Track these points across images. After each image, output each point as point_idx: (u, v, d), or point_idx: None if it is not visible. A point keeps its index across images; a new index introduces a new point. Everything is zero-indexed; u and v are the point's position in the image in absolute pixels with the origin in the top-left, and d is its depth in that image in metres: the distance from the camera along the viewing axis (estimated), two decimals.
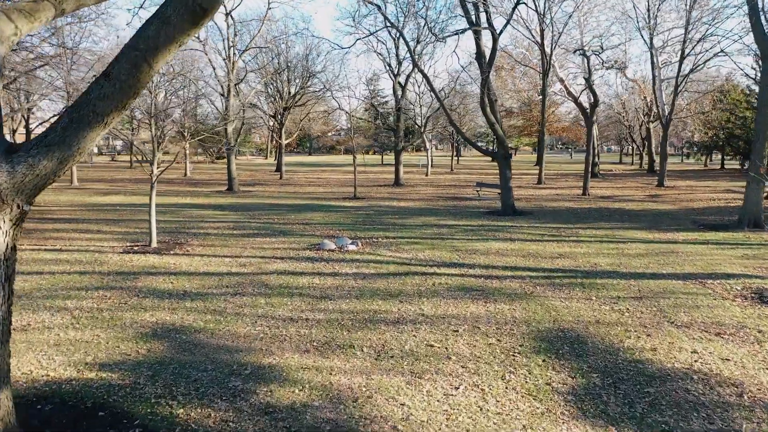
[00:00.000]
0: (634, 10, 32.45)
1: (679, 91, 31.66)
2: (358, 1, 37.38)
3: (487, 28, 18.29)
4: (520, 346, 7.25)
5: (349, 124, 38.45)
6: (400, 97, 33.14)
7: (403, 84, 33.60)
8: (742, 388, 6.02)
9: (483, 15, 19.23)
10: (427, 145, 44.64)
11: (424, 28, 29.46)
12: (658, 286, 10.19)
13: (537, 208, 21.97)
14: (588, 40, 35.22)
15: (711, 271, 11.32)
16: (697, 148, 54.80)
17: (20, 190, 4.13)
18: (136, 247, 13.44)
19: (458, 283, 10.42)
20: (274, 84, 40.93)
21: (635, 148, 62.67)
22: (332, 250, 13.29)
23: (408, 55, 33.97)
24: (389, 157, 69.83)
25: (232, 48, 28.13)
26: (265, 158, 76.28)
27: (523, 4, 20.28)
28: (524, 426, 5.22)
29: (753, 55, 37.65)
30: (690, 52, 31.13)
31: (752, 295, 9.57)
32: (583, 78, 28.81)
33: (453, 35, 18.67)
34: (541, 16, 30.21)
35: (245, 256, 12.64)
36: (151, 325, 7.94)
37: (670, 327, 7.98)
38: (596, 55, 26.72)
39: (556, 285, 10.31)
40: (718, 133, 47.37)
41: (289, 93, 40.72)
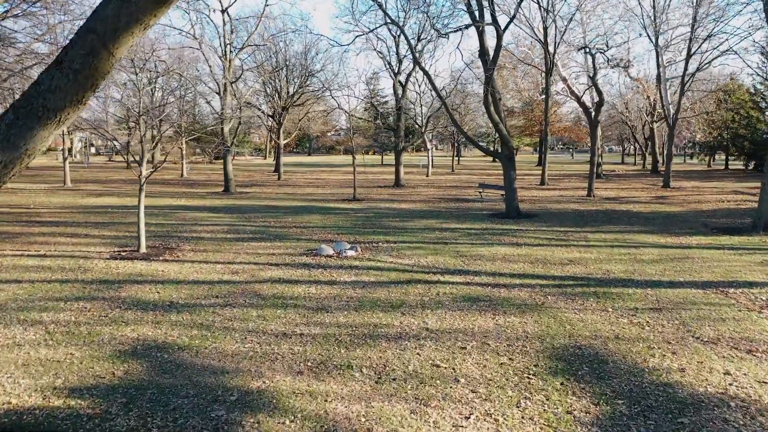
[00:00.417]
0: (640, 8, 31.68)
1: (685, 90, 31.00)
2: None
3: (491, 24, 17.65)
4: (535, 366, 6.61)
5: (348, 124, 37.79)
6: (400, 97, 32.47)
7: (404, 83, 32.95)
8: None
9: (487, 11, 18.61)
10: (428, 145, 43.97)
11: (425, 25, 28.83)
12: (677, 296, 9.55)
13: (542, 210, 21.33)
14: (591, 38, 34.60)
15: (731, 279, 10.67)
16: (701, 148, 54.16)
17: None
18: (124, 253, 12.79)
19: (464, 292, 9.77)
20: (273, 83, 40.27)
21: (638, 148, 62.02)
22: (330, 256, 12.65)
23: (408, 54, 33.36)
24: (389, 158, 69.18)
25: (228, 46, 27.47)
26: (264, 158, 75.61)
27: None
28: None
29: (760, 53, 37.03)
30: (696, 50, 30.47)
31: None
32: (588, 76, 28.17)
33: (456, 31, 18.05)
34: (545, 14, 29.56)
35: (238, 263, 11.99)
36: (131, 341, 7.29)
37: (696, 343, 7.34)
38: (601, 53, 26.06)
39: (569, 294, 9.66)
40: (722, 133, 46.76)
41: (288, 92, 40.08)
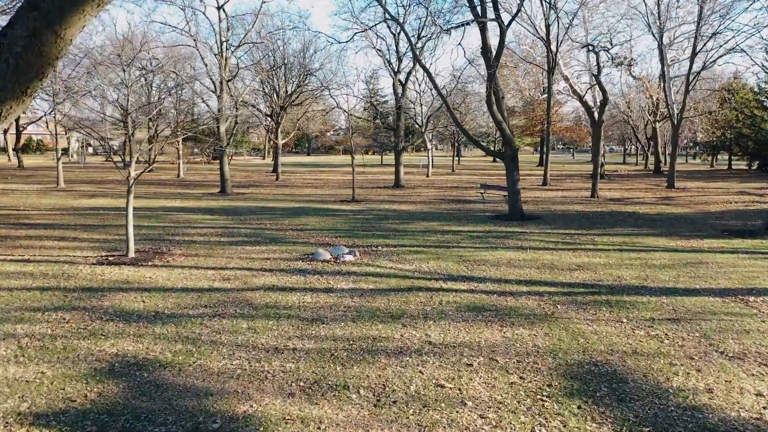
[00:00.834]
0: (644, 5, 31.11)
1: (690, 88, 30.46)
2: None
3: (494, 20, 17.08)
4: (548, 386, 6.05)
5: (347, 124, 37.24)
6: (400, 96, 31.90)
7: (404, 82, 32.39)
8: None
9: (490, 9, 18.05)
10: (428, 145, 43.41)
11: (425, 22, 28.28)
12: (695, 305, 8.99)
13: (546, 212, 20.77)
14: (593, 37, 34.07)
15: (750, 286, 10.12)
16: (704, 148, 53.66)
17: None
18: (112, 258, 12.22)
19: (468, 300, 9.21)
20: (270, 82, 39.68)
21: (640, 148, 61.49)
22: (327, 261, 12.08)
23: (408, 52, 32.80)
24: (388, 158, 68.65)
25: (224, 43, 26.88)
26: (263, 158, 75.05)
27: None
28: None
29: (765, 51, 36.51)
30: (702, 48, 29.93)
31: None
32: (592, 75, 27.62)
33: (458, 27, 17.50)
34: (547, 11, 29.01)
35: (231, 268, 11.43)
36: (109, 357, 6.72)
37: (721, 359, 6.78)
38: (605, 51, 25.51)
39: (579, 303, 9.11)
40: (726, 133, 46.25)
41: (286, 92, 39.51)
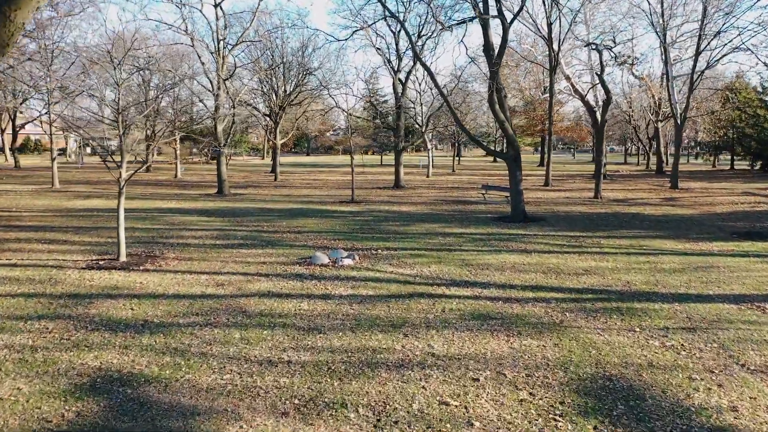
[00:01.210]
0: (647, 3, 30.73)
1: (694, 87, 30.06)
2: None
3: (497, 17, 16.68)
4: (561, 403, 5.64)
5: (347, 123, 36.83)
6: (400, 95, 31.48)
7: (404, 81, 31.98)
8: None
9: (493, 8, 17.63)
10: (428, 145, 43.00)
11: (425, 20, 27.85)
12: (709, 312, 8.59)
13: (549, 213, 20.36)
14: (595, 36, 33.64)
15: (765, 292, 9.71)
16: (707, 148, 53.29)
17: None
18: (102, 262, 11.80)
19: (472, 308, 8.80)
20: (269, 81, 39.26)
21: (641, 148, 61.10)
22: (325, 265, 11.67)
23: (408, 51, 32.39)
24: (388, 158, 68.22)
25: (221, 42, 26.46)
26: (262, 159, 74.63)
27: None
28: None
29: None
30: (705, 47, 29.53)
31: None
32: (595, 74, 27.22)
33: (460, 23, 17.08)
34: (549, 9, 28.60)
35: (225, 273, 11.01)
36: (91, 372, 6.31)
37: (742, 372, 6.38)
38: (608, 50, 25.10)
39: (589, 311, 8.70)
40: (728, 133, 45.89)
41: (285, 91, 39.08)
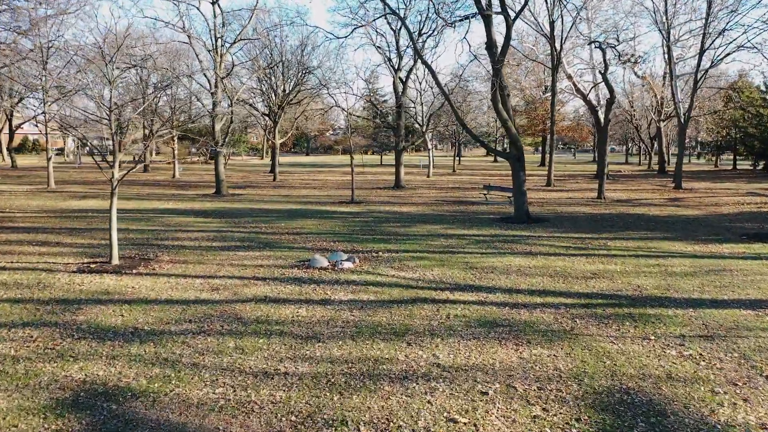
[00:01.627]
0: (651, 1, 30.35)
1: (698, 86, 29.68)
2: None
3: (500, 13, 16.30)
4: (577, 420, 5.26)
5: (346, 123, 36.44)
6: (401, 94, 31.08)
7: (404, 80, 31.59)
8: None
9: (495, 1, 17.28)
10: (429, 145, 42.63)
11: (427, 16, 27.45)
12: (726, 319, 8.21)
13: (552, 214, 19.99)
14: (597, 35, 33.30)
15: None
16: (710, 148, 52.95)
17: None
18: (93, 265, 11.42)
19: (478, 314, 8.42)
20: (268, 80, 38.86)
21: (643, 148, 60.76)
22: (324, 269, 11.28)
23: (409, 50, 32.01)
24: (388, 158, 67.84)
25: (219, 40, 26.04)
26: (261, 159, 74.25)
27: None
28: None
29: None
30: (710, 45, 29.16)
31: None
32: (598, 72, 26.85)
33: (463, 20, 16.70)
34: (551, 6, 28.23)
35: (220, 277, 10.63)
36: (75, 385, 5.92)
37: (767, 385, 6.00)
38: (612, 48, 24.72)
39: (600, 317, 8.32)
40: (731, 132, 45.54)
41: (284, 90, 38.68)
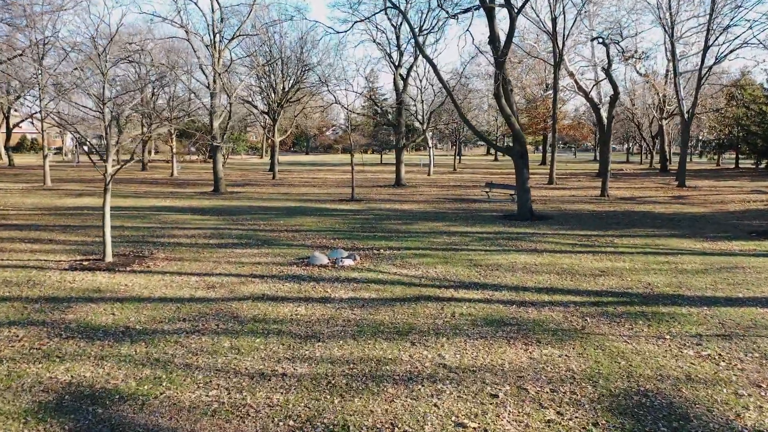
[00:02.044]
0: None
1: (702, 83, 29.34)
2: None
3: (504, 6, 15.95)
4: (594, 424, 4.92)
5: (346, 121, 36.08)
6: (401, 90, 30.72)
7: (405, 77, 31.24)
8: None
9: None
10: (429, 143, 42.28)
11: (428, 13, 27.07)
12: (743, 317, 7.88)
13: (556, 212, 19.65)
14: (599, 32, 32.94)
15: None
16: (712, 146, 52.63)
17: None
18: (86, 263, 11.07)
19: (485, 312, 8.09)
20: (267, 78, 38.49)
21: (644, 146, 60.43)
22: (324, 266, 10.94)
23: (409, 47, 31.68)
24: (388, 157, 67.52)
25: (217, 35, 25.69)
26: (260, 157, 73.88)
27: None
28: None
29: None
30: (714, 42, 28.83)
31: None
32: (602, 69, 26.51)
33: (465, 11, 16.35)
34: (554, 3, 27.89)
35: (217, 274, 10.29)
36: (60, 387, 5.59)
37: None
38: (616, 44, 24.39)
39: (611, 315, 7.98)
40: (733, 130, 45.20)
41: (283, 88, 38.30)
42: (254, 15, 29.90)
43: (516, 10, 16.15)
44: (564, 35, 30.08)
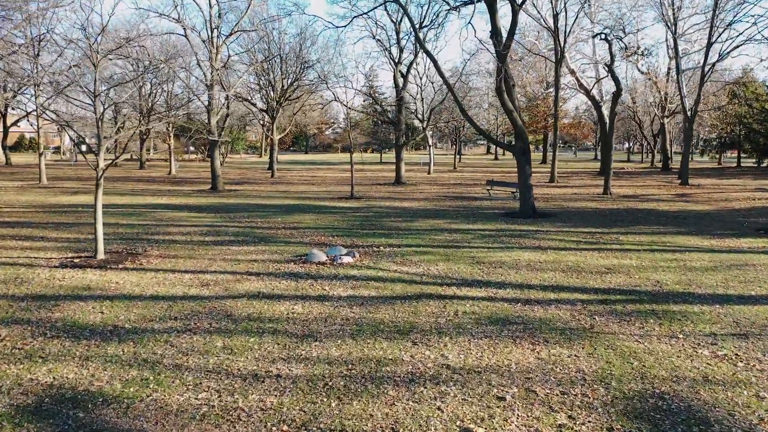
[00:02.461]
0: None
1: (705, 80, 29.02)
2: None
3: None
4: (609, 429, 4.61)
5: (345, 118, 35.77)
6: (401, 87, 30.38)
7: (405, 74, 30.91)
8: None
9: None
10: (429, 141, 41.94)
11: (427, 12, 26.77)
12: (758, 316, 7.56)
13: (559, 209, 19.33)
14: (601, 28, 32.64)
15: None
16: (714, 145, 52.32)
17: None
18: (77, 260, 10.76)
19: (489, 311, 7.77)
20: (266, 75, 38.14)
21: (645, 145, 60.12)
22: (322, 263, 10.63)
23: (409, 44, 31.36)
24: (388, 156, 67.19)
25: (215, 31, 25.36)
26: (260, 156, 73.57)
27: None
28: None
29: None
30: (717, 38, 28.51)
31: None
32: (604, 65, 26.21)
33: (468, 4, 16.02)
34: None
35: (211, 272, 9.97)
36: (41, 389, 5.27)
37: None
38: (619, 40, 24.07)
39: (620, 314, 7.67)
40: (735, 129, 44.88)
41: (282, 86, 37.94)
42: (252, 12, 29.57)
43: (518, 2, 15.81)
44: (565, 32, 29.76)
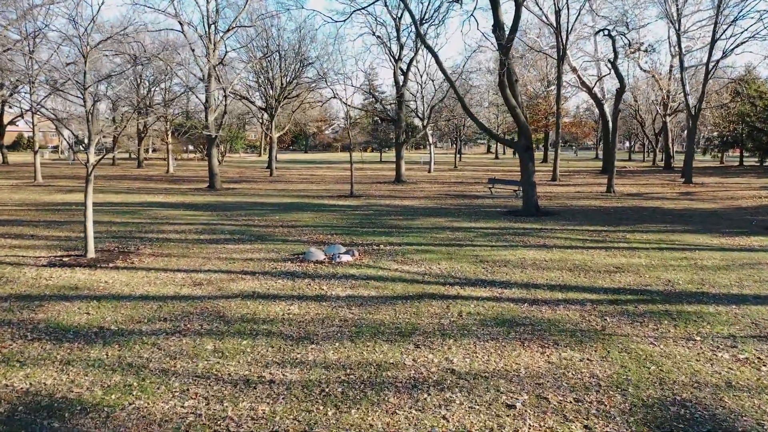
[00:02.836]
0: None
1: (709, 77, 28.64)
2: None
3: None
4: None
5: (345, 116, 35.36)
6: (401, 84, 29.98)
7: (405, 71, 30.52)
8: None
9: None
10: (430, 139, 41.57)
11: (427, 8, 26.40)
12: None
13: (562, 207, 18.96)
14: (602, 25, 32.25)
15: None
16: (716, 144, 51.95)
17: None
18: (67, 258, 10.39)
19: (494, 311, 7.40)
20: (265, 73, 37.76)
21: (647, 143, 59.76)
22: (320, 262, 10.26)
23: (409, 41, 30.98)
24: (387, 155, 66.83)
25: (212, 26, 25.00)
26: (259, 155, 73.18)
27: None
28: None
29: None
30: (722, 35, 28.14)
31: None
32: (607, 62, 25.84)
33: None
34: None
35: (205, 271, 9.60)
36: (15, 396, 4.90)
37: None
38: (623, 36, 23.69)
39: (632, 315, 7.30)
40: (737, 127, 44.50)
41: (281, 84, 37.56)
42: (251, 7, 29.19)
43: None
44: (567, 29, 29.38)
